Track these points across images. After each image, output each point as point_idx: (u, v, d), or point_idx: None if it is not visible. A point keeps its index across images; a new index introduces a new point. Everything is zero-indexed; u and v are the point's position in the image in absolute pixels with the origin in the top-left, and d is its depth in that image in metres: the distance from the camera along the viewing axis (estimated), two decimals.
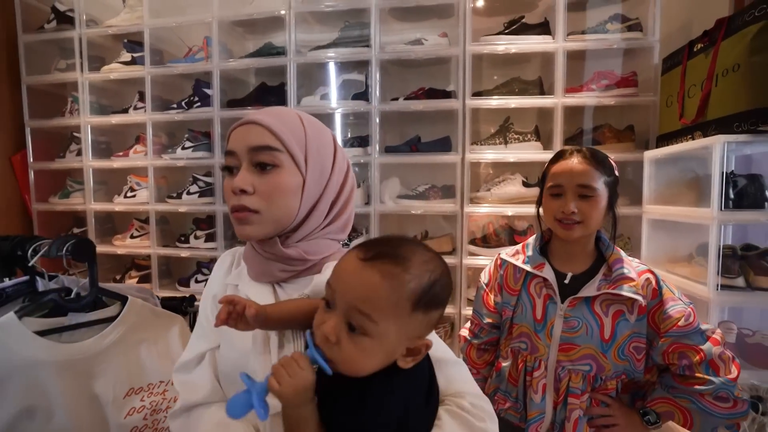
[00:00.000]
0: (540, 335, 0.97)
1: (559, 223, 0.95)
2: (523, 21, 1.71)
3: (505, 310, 1.03)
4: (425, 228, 1.92)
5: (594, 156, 0.96)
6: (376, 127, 1.77)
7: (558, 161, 0.98)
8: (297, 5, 1.81)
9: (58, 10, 2.01)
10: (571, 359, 0.94)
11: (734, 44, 1.15)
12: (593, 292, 0.93)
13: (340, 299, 0.49)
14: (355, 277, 0.49)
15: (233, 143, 0.65)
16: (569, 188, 0.94)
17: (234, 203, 0.63)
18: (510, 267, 1.04)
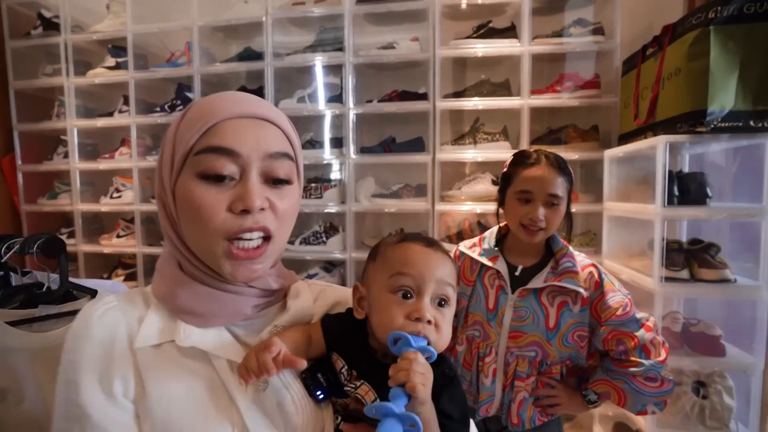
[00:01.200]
0: (492, 323, 1.02)
1: (524, 228, 0.98)
2: (490, 25, 1.78)
3: (461, 299, 1.07)
4: (400, 225, 1.99)
5: (560, 163, 1.00)
6: (351, 128, 1.84)
7: (528, 167, 0.99)
8: (274, 11, 1.88)
9: (44, 16, 2.07)
10: (519, 346, 1.00)
11: (676, 50, 1.21)
12: (540, 283, 0.98)
13: (427, 281, 0.52)
14: (433, 259, 0.54)
15: (235, 140, 0.47)
16: (539, 196, 0.96)
17: (243, 225, 0.47)
18: (467, 259, 1.08)
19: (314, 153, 1.91)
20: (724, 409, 1.22)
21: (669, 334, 1.28)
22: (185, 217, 0.49)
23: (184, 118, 0.50)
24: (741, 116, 1.10)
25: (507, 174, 1.05)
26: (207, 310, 0.51)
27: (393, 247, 0.56)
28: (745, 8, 1.05)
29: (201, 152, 0.47)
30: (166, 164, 0.50)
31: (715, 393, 1.23)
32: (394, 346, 0.49)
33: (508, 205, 1.02)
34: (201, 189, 0.47)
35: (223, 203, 0.47)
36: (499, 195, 1.08)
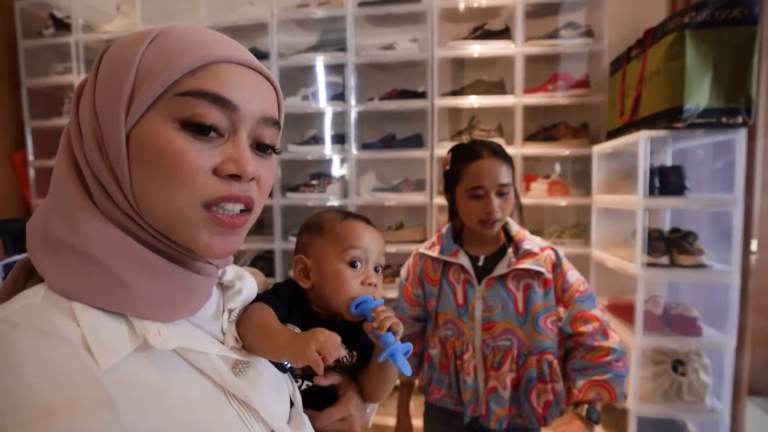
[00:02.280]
0: (464, 319, 1.00)
1: (482, 224, 0.97)
2: (486, 27, 1.87)
3: (429, 301, 1.06)
4: (400, 219, 2.08)
5: (500, 151, 0.99)
6: (352, 125, 1.92)
7: (473, 161, 0.97)
8: (279, 12, 1.96)
9: (55, 17, 2.14)
10: (494, 336, 0.99)
11: (657, 52, 1.31)
12: (504, 269, 0.99)
13: (372, 253, 0.62)
14: (374, 234, 0.64)
15: (234, 89, 0.39)
16: (491, 189, 0.95)
17: (236, 192, 0.40)
18: (428, 259, 1.06)
19: (317, 149, 2.00)
20: (701, 385, 1.32)
21: (651, 316, 1.38)
22: (148, 171, 0.38)
23: (152, 44, 0.38)
24: (714, 113, 1.19)
25: (452, 172, 1.01)
26: (176, 300, 0.41)
27: (341, 224, 0.63)
28: (716, 14, 1.15)
29: (189, 94, 0.37)
30: (118, 99, 0.38)
31: (692, 371, 1.33)
32: (355, 309, 0.58)
33: (461, 203, 0.99)
34: (180, 138, 0.37)
35: (208, 161, 0.38)
36: (447, 195, 1.05)
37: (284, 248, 1.99)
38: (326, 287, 0.61)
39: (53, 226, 0.38)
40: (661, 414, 1.35)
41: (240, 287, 0.53)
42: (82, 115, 0.40)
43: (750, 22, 1.14)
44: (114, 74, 0.38)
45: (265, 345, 0.50)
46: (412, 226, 2.01)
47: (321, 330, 0.50)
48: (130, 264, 0.38)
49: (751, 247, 1.39)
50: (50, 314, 0.36)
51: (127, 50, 0.39)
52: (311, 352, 0.47)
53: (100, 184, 0.39)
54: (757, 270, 1.40)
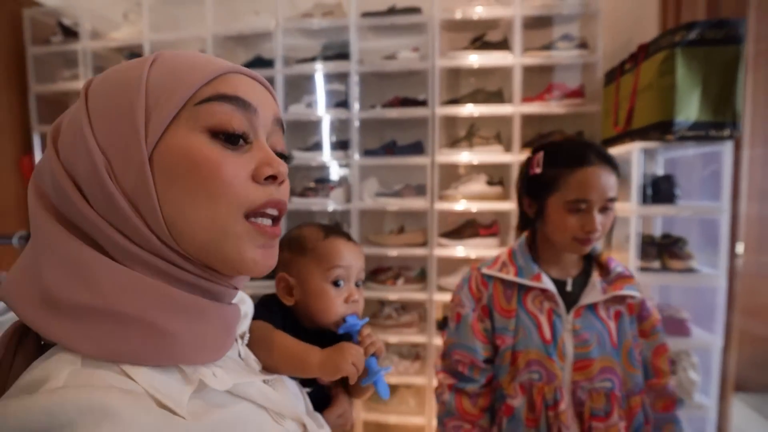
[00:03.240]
0: (554, 358, 0.83)
1: (577, 242, 0.83)
2: (485, 38, 1.93)
3: (503, 337, 0.87)
4: (401, 223, 2.14)
5: (612, 158, 0.85)
6: (355, 132, 1.98)
7: (580, 167, 0.81)
8: (284, 22, 2.01)
9: (63, 24, 2.18)
10: (590, 377, 0.82)
11: (649, 67, 1.38)
12: (600, 296, 0.84)
13: (353, 269, 0.65)
14: (354, 251, 0.66)
15: (249, 93, 0.39)
16: (597, 203, 0.81)
17: (277, 196, 0.39)
18: (498, 283, 0.89)
19: (321, 155, 2.05)
20: (690, 382, 1.39)
21: None
22: (183, 188, 0.35)
23: (153, 69, 0.37)
24: (703, 126, 1.26)
25: (546, 177, 0.85)
26: (219, 336, 0.39)
27: (323, 243, 0.64)
28: (705, 34, 1.22)
29: (210, 99, 0.36)
30: (129, 124, 0.35)
31: (682, 369, 1.40)
32: (345, 329, 0.62)
33: (554, 214, 0.84)
34: (216, 149, 0.36)
35: (244, 169, 0.37)
36: (531, 201, 0.89)
37: None
38: (311, 305, 0.63)
39: (61, 289, 0.33)
40: None
41: (245, 311, 0.54)
42: (70, 158, 0.36)
43: (736, 42, 1.21)
44: (117, 101, 0.36)
45: (295, 366, 0.54)
46: (412, 229, 2.07)
47: (347, 345, 0.56)
48: (167, 310, 0.35)
49: (737, 251, 1.47)
50: (106, 376, 0.32)
51: (127, 76, 0.37)
52: (348, 365, 0.54)
53: (110, 227, 0.35)
54: (742, 272, 1.47)
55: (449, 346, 0.93)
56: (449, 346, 0.93)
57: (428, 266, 1.95)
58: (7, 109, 2.18)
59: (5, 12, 2.13)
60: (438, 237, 1.95)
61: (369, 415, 2.03)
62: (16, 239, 0.94)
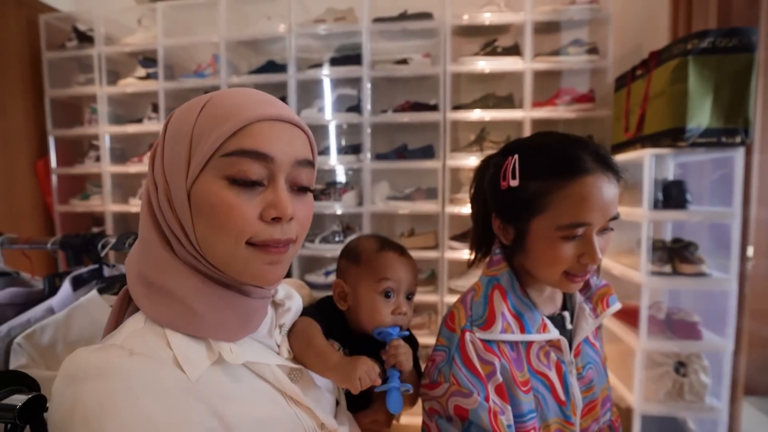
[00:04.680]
0: (571, 420, 0.66)
1: (569, 277, 0.63)
2: (496, 44, 1.95)
3: (534, 425, 0.63)
4: (412, 226, 2.16)
5: (613, 162, 0.62)
6: (367, 136, 2.00)
7: (575, 177, 0.59)
8: (297, 28, 2.03)
9: (78, 29, 2.21)
10: (596, 417, 0.70)
11: (661, 74, 1.39)
12: (593, 322, 0.70)
13: (404, 284, 0.68)
14: (407, 266, 0.70)
15: (270, 144, 0.45)
16: (598, 225, 0.60)
17: (273, 235, 0.46)
18: (503, 345, 0.64)
19: (333, 159, 2.08)
20: (701, 385, 1.41)
21: (654, 321, 1.46)
22: (206, 222, 0.45)
23: (202, 112, 0.46)
24: (714, 133, 1.28)
25: (526, 191, 0.62)
26: (239, 323, 0.49)
27: (376, 255, 0.69)
28: (717, 42, 1.23)
29: (232, 154, 0.44)
30: (179, 162, 0.45)
31: (693, 372, 1.42)
32: (378, 334, 0.66)
33: (542, 243, 0.62)
34: (232, 194, 0.44)
35: (254, 210, 0.45)
36: (506, 226, 0.67)
37: (301, 253, 2.07)
38: (360, 312, 0.68)
39: (145, 268, 0.48)
40: (663, 412, 1.44)
41: (289, 306, 0.60)
42: (156, 174, 0.48)
43: (748, 50, 1.23)
44: (175, 141, 0.46)
45: (316, 363, 0.57)
46: (423, 233, 2.09)
47: (365, 360, 0.58)
48: (201, 298, 0.47)
49: (747, 254, 1.48)
50: (151, 339, 0.46)
51: (184, 119, 0.47)
52: (355, 379, 0.56)
53: (172, 232, 0.47)
54: (752, 276, 1.49)
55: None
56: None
57: (439, 269, 1.97)
58: (23, 113, 2.22)
59: (22, 18, 2.17)
60: (449, 240, 1.97)
61: None
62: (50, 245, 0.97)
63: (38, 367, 0.77)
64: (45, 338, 0.79)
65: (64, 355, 0.83)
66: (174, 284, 0.47)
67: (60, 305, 0.88)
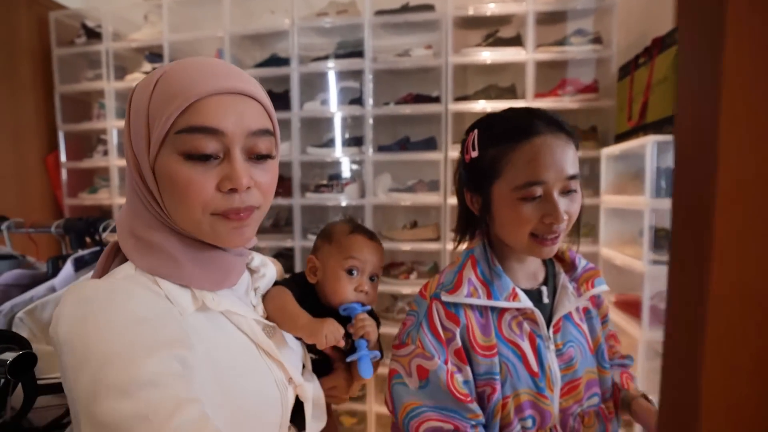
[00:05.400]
0: (545, 393, 0.66)
1: (537, 240, 0.64)
2: (498, 35, 1.94)
3: (491, 384, 0.65)
4: (414, 218, 2.16)
5: (565, 124, 0.65)
6: (369, 128, 2.01)
7: (525, 139, 0.62)
8: (299, 21, 2.05)
9: (87, 26, 2.25)
10: (579, 398, 0.69)
11: (664, 61, 1.38)
12: (575, 300, 0.70)
13: (368, 265, 0.74)
14: (373, 249, 0.75)
15: (219, 119, 0.47)
16: (556, 184, 0.62)
17: (232, 205, 0.49)
18: (469, 311, 0.66)
19: (335, 151, 2.09)
20: None
21: (657, 311, 1.44)
22: (169, 194, 0.49)
23: (155, 88, 0.48)
24: None
25: (483, 161, 0.66)
26: (220, 276, 0.54)
27: (346, 236, 0.75)
28: None
29: (184, 131, 0.46)
30: (140, 139, 0.48)
31: None
32: (344, 310, 0.71)
33: (504, 207, 0.65)
34: (186, 168, 0.47)
35: (210, 182, 0.48)
36: (474, 196, 0.70)
37: (303, 246, 2.09)
38: (326, 286, 0.74)
39: (135, 226, 0.53)
40: None
41: (264, 272, 0.66)
42: (125, 149, 0.52)
43: None
44: (136, 117, 0.49)
45: (288, 322, 0.63)
46: (425, 225, 2.09)
47: (332, 321, 0.64)
48: (183, 252, 0.52)
49: None
50: (144, 280, 0.51)
51: (141, 96, 0.49)
52: (321, 336, 0.62)
53: (147, 201, 0.52)
54: None
55: (413, 412, 0.65)
56: (412, 413, 0.65)
57: (441, 261, 1.97)
58: (34, 108, 2.27)
59: (33, 15, 2.22)
60: (451, 231, 1.97)
61: (382, 407, 2.06)
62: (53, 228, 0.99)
63: (39, 342, 0.79)
64: (46, 314, 0.81)
65: None
66: (159, 239, 0.52)
67: (62, 284, 0.90)
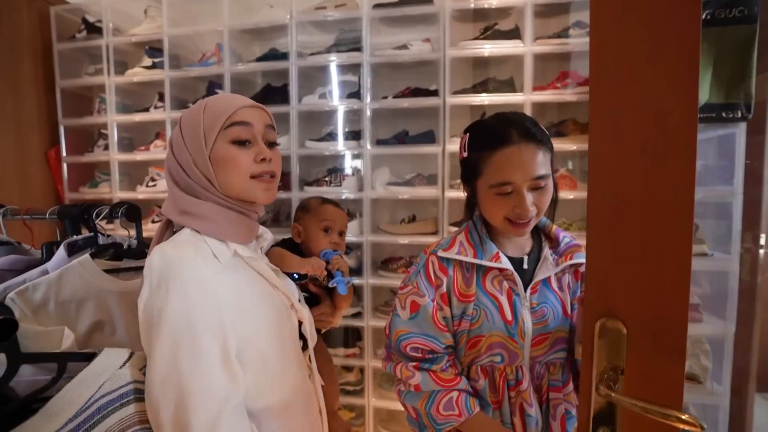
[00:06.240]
0: (515, 338, 0.83)
1: (511, 224, 0.82)
2: (496, 27, 1.94)
3: (461, 322, 0.85)
4: (413, 212, 2.16)
5: (539, 130, 0.81)
6: (367, 122, 2.01)
7: (498, 148, 0.79)
8: (298, 15, 2.05)
9: (88, 21, 2.27)
10: (546, 351, 0.84)
11: None
12: (552, 269, 0.85)
13: (337, 224, 1.11)
14: (339, 213, 1.15)
15: (248, 116, 0.76)
16: (523, 185, 0.78)
17: (264, 169, 0.77)
18: (456, 266, 0.87)
19: (333, 145, 2.09)
20: (702, 369, 1.38)
21: None
22: (223, 169, 0.76)
23: (205, 110, 0.77)
24: (715, 108, 1.25)
25: (470, 161, 0.86)
26: (245, 232, 0.81)
27: (320, 206, 1.12)
28: (717, 13, 1.21)
29: (231, 126, 0.76)
30: (197, 141, 0.76)
31: (693, 356, 1.38)
32: (323, 256, 1.05)
33: (483, 199, 0.84)
34: (235, 149, 0.76)
35: (250, 157, 0.76)
36: (466, 187, 0.91)
37: None
38: (309, 242, 1.11)
39: (183, 205, 0.77)
40: None
41: (265, 237, 0.94)
42: (178, 154, 0.78)
43: (749, 21, 1.20)
44: (191, 130, 0.77)
45: (286, 263, 0.96)
46: (424, 218, 2.09)
47: (315, 258, 1.02)
48: (222, 216, 0.77)
49: (760, 242, 1.44)
50: (197, 240, 0.75)
51: (194, 116, 0.78)
52: (308, 265, 0.98)
53: (198, 184, 0.77)
54: (764, 264, 1.44)
55: (402, 336, 0.88)
56: (402, 337, 0.88)
57: None
58: (35, 103, 2.28)
59: (34, 10, 2.23)
60: (449, 225, 1.97)
61: (380, 402, 2.06)
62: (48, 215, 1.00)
63: (29, 322, 0.80)
64: (37, 296, 0.82)
65: (55, 313, 0.85)
66: (205, 209, 0.77)
67: (54, 267, 0.90)
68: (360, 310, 2.03)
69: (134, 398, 0.67)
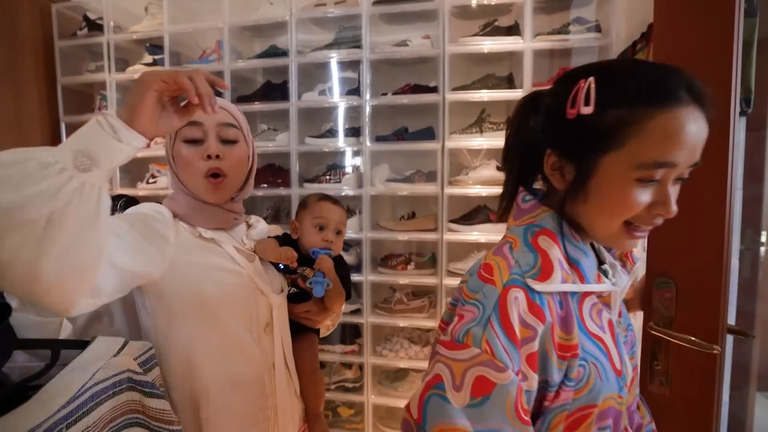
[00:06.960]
0: (623, 394, 0.56)
1: (630, 229, 0.54)
2: (496, 24, 1.93)
3: (559, 392, 0.52)
4: (413, 209, 2.16)
5: (707, 95, 0.51)
6: (367, 119, 2.01)
7: (665, 108, 0.49)
8: (298, 12, 2.05)
9: (89, 18, 2.27)
10: (636, 392, 0.65)
11: None
12: (628, 277, 0.63)
13: (332, 222, 1.07)
14: (336, 210, 1.09)
15: (199, 116, 0.76)
16: (680, 170, 0.52)
17: (210, 166, 0.81)
18: (552, 302, 0.53)
19: (333, 141, 2.09)
20: None
21: None
22: (180, 168, 0.84)
23: None
24: None
25: (603, 121, 0.52)
26: (215, 221, 0.88)
27: (316, 202, 1.09)
28: None
29: (183, 126, 0.78)
30: (166, 139, 0.86)
31: None
32: (313, 253, 1.04)
33: (609, 187, 0.53)
34: (187, 148, 0.82)
35: (201, 155, 0.82)
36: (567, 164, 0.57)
37: None
38: (302, 238, 1.09)
39: (173, 194, 0.89)
40: None
41: (257, 226, 0.99)
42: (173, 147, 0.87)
43: (749, 15, 1.19)
44: None
45: (261, 249, 0.94)
46: (423, 215, 2.09)
47: (289, 248, 0.96)
48: (190, 206, 0.86)
49: (761, 239, 1.43)
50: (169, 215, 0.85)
51: None
52: (278, 253, 0.94)
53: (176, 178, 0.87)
54: (765, 260, 1.43)
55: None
56: None
57: (439, 251, 1.97)
58: (37, 101, 2.29)
59: (36, 7, 2.24)
60: (448, 222, 1.97)
61: (379, 399, 2.06)
62: None
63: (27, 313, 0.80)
64: None
65: None
66: (178, 198, 0.87)
67: None
68: (359, 307, 2.03)
69: (127, 387, 0.67)
